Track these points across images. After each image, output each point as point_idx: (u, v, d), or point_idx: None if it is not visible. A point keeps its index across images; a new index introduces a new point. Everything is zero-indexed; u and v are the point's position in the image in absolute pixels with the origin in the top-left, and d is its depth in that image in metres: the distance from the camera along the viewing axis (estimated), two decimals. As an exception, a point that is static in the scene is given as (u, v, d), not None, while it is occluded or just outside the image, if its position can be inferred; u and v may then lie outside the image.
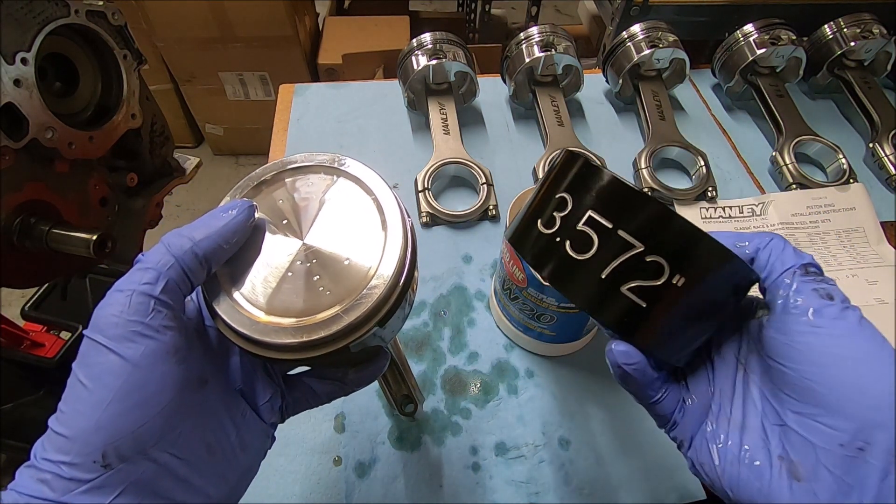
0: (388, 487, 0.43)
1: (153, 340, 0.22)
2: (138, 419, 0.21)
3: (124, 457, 0.21)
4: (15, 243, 0.52)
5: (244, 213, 0.25)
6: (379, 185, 0.27)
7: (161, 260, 0.23)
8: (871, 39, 0.70)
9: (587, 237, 0.25)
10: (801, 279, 0.24)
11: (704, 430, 0.26)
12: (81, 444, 0.20)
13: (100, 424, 0.20)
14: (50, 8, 0.49)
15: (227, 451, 0.25)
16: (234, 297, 0.25)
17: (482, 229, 0.60)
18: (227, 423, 0.25)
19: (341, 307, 0.24)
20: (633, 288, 0.24)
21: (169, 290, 0.23)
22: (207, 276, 0.25)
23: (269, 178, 0.28)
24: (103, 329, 0.21)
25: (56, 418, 0.21)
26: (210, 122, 1.79)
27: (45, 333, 1.05)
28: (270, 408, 0.28)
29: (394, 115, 0.73)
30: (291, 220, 0.27)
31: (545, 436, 0.46)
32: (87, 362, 0.21)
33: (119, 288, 0.22)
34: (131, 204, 0.67)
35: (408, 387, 0.41)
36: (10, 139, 0.47)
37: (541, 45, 0.67)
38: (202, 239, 0.24)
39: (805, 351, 0.23)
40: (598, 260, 0.25)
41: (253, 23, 1.47)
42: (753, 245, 0.26)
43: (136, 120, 0.61)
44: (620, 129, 0.72)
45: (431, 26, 0.75)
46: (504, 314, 0.50)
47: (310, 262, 0.26)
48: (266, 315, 0.25)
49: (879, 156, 0.66)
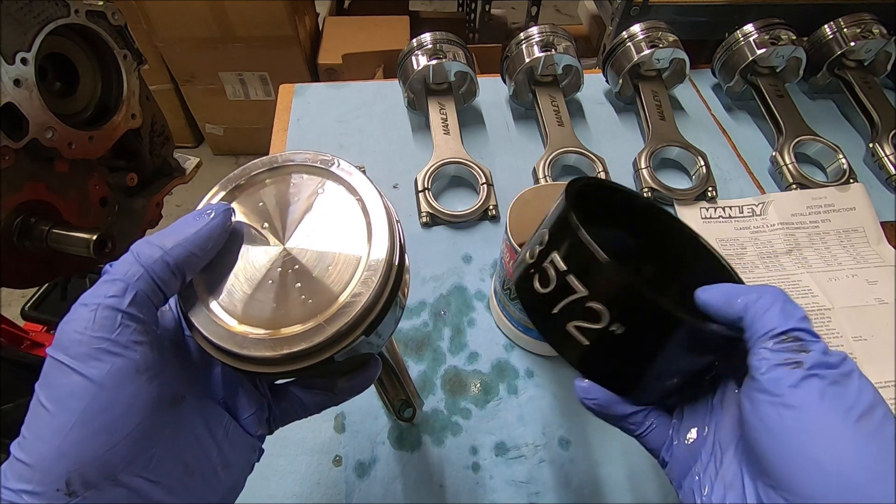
0: (388, 487, 0.43)
1: (120, 358, 0.20)
2: (104, 443, 0.20)
3: (91, 483, 0.19)
4: (15, 243, 0.52)
5: (219, 218, 0.24)
6: (364, 186, 0.26)
7: (129, 270, 0.21)
8: (871, 39, 0.70)
9: (548, 274, 0.28)
10: (776, 345, 0.23)
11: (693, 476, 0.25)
12: (43, 472, 0.19)
13: (62, 451, 0.19)
14: (50, 8, 0.49)
15: (208, 470, 0.24)
16: (210, 308, 0.24)
17: (482, 229, 0.60)
18: (208, 441, 0.24)
19: (324, 317, 0.23)
20: (577, 327, 0.27)
21: (138, 302, 0.21)
22: (182, 285, 0.23)
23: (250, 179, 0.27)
24: (66, 347, 0.20)
25: (18, 444, 0.20)
26: (210, 122, 1.79)
27: (45, 333, 1.05)
28: (256, 420, 0.26)
29: (394, 115, 0.73)
30: (273, 223, 0.25)
31: (545, 436, 0.46)
32: (49, 383, 0.20)
33: (83, 302, 0.21)
34: (131, 204, 0.67)
35: (405, 391, 0.40)
36: (10, 139, 0.47)
37: (541, 45, 0.67)
38: (174, 246, 0.22)
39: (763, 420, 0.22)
40: (552, 296, 0.27)
41: (253, 23, 1.47)
42: (743, 303, 0.25)
43: (136, 120, 0.61)
44: (620, 129, 0.72)
45: (431, 26, 0.75)
46: (504, 314, 0.50)
47: (291, 269, 0.24)
48: (244, 326, 0.23)
49: (879, 156, 0.66)
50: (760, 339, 0.23)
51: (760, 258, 0.58)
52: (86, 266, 0.65)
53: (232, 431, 0.25)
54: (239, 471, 0.26)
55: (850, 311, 0.53)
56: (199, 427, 0.24)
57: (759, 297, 0.24)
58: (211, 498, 0.24)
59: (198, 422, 0.24)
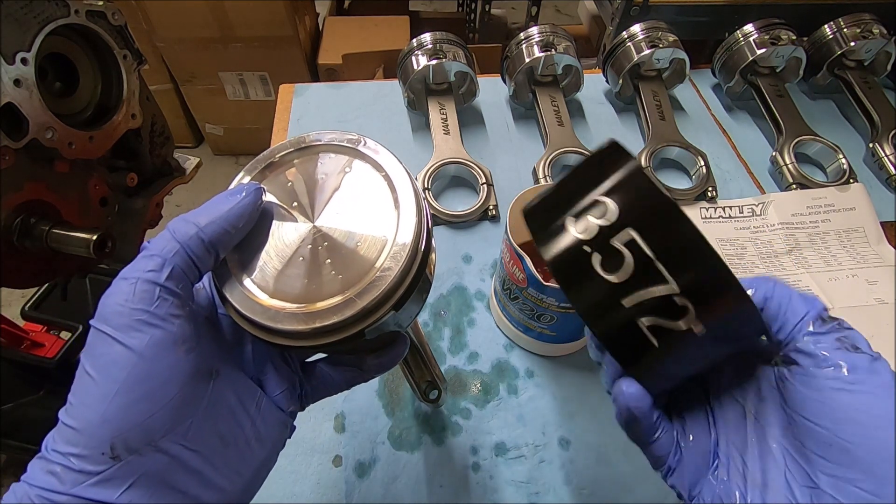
0: (388, 487, 0.43)
1: (159, 329, 0.21)
2: (145, 411, 0.21)
3: (133, 449, 0.20)
4: (15, 243, 0.52)
5: (251, 197, 0.24)
6: (392, 164, 0.26)
7: (166, 246, 0.22)
8: (871, 39, 0.70)
9: (620, 257, 0.22)
10: (820, 329, 0.23)
11: (710, 481, 0.25)
12: (89, 436, 0.20)
13: (106, 417, 0.20)
14: (50, 8, 0.49)
15: (242, 442, 0.24)
16: (244, 284, 0.24)
17: (482, 229, 0.60)
18: (241, 414, 0.25)
19: (354, 291, 0.23)
20: (651, 325, 0.23)
21: (175, 277, 0.22)
22: (216, 262, 0.24)
23: (279, 159, 0.27)
24: (108, 318, 0.21)
25: (66, 410, 0.21)
26: (210, 122, 1.79)
27: (45, 333, 1.05)
28: (288, 396, 0.27)
29: (394, 115, 0.73)
30: (302, 203, 0.26)
31: (545, 436, 0.46)
32: (93, 353, 0.21)
33: (123, 276, 0.22)
34: (131, 204, 0.67)
35: (431, 373, 0.40)
36: (10, 139, 0.47)
37: (541, 45, 0.67)
38: (208, 224, 0.23)
39: (840, 409, 0.21)
40: (625, 285, 0.22)
41: (253, 23, 1.48)
42: (760, 294, 0.25)
43: (136, 120, 0.61)
44: (620, 129, 0.72)
45: (431, 26, 0.75)
46: (504, 314, 0.50)
47: (321, 246, 0.25)
48: (277, 301, 0.24)
49: (879, 156, 0.66)
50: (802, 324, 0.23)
51: (760, 258, 0.58)
52: (86, 266, 0.65)
53: (264, 406, 0.26)
54: (271, 445, 0.26)
55: (850, 311, 0.53)
56: (232, 400, 0.24)
57: (775, 285, 0.25)
58: (244, 469, 0.24)
59: (231, 395, 0.24)
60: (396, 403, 0.47)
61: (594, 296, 0.23)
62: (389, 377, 0.49)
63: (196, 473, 0.22)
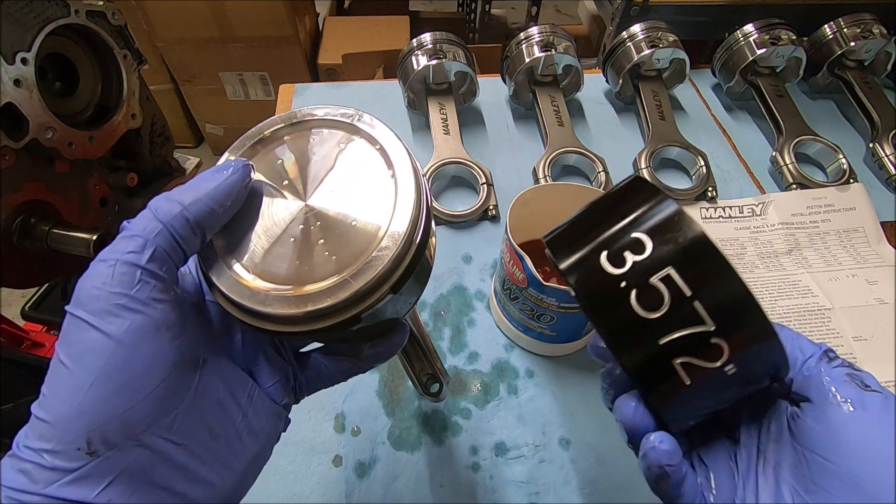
0: (388, 487, 0.43)
1: (139, 315, 0.19)
2: (125, 402, 0.19)
3: (112, 443, 0.19)
4: (15, 243, 0.52)
5: (238, 174, 0.23)
6: (389, 140, 0.24)
7: (147, 226, 0.21)
8: (871, 39, 0.70)
9: (659, 295, 0.22)
10: (828, 366, 0.23)
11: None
12: (63, 430, 0.18)
13: (82, 409, 0.18)
14: (50, 8, 0.49)
15: (232, 435, 0.23)
16: (232, 267, 0.23)
17: (482, 229, 0.60)
18: (232, 406, 0.23)
19: (349, 272, 0.21)
20: (684, 363, 0.22)
21: (157, 259, 0.20)
22: (202, 244, 0.22)
23: (269, 135, 0.25)
24: (84, 303, 0.19)
25: (38, 403, 0.19)
26: (210, 122, 1.79)
27: (45, 333, 1.05)
28: (281, 388, 0.25)
29: (394, 115, 0.73)
30: (293, 181, 0.24)
31: (545, 436, 0.46)
32: (68, 340, 0.19)
33: (101, 258, 0.20)
34: (131, 204, 0.67)
35: (431, 365, 0.38)
36: (11, 139, 0.47)
37: (541, 45, 0.67)
38: (192, 202, 0.21)
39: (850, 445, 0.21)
40: (661, 323, 0.22)
41: (253, 23, 1.48)
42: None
43: (136, 120, 0.61)
44: (620, 129, 0.72)
45: (431, 26, 0.75)
46: (504, 314, 0.50)
47: (314, 226, 0.23)
48: (267, 283, 0.22)
49: (879, 156, 0.66)
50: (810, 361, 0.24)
51: (760, 258, 0.58)
52: (86, 266, 0.65)
53: (256, 398, 0.24)
54: (265, 439, 0.25)
55: (850, 311, 0.53)
56: (221, 392, 0.23)
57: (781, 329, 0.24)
58: (236, 464, 0.23)
59: (221, 386, 0.23)
60: (396, 403, 0.47)
61: (626, 330, 0.23)
62: (389, 377, 0.49)
63: (182, 468, 0.21)
